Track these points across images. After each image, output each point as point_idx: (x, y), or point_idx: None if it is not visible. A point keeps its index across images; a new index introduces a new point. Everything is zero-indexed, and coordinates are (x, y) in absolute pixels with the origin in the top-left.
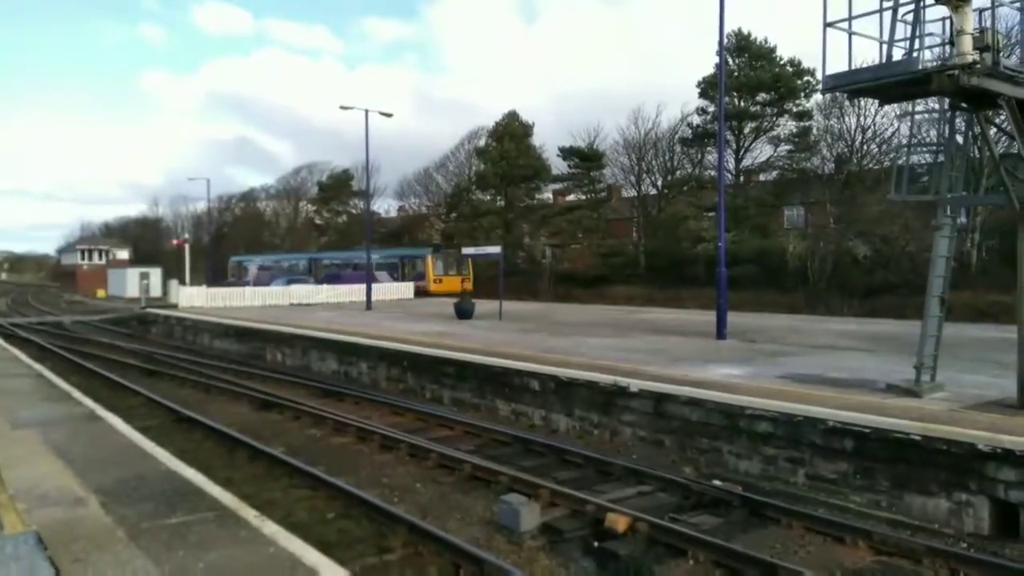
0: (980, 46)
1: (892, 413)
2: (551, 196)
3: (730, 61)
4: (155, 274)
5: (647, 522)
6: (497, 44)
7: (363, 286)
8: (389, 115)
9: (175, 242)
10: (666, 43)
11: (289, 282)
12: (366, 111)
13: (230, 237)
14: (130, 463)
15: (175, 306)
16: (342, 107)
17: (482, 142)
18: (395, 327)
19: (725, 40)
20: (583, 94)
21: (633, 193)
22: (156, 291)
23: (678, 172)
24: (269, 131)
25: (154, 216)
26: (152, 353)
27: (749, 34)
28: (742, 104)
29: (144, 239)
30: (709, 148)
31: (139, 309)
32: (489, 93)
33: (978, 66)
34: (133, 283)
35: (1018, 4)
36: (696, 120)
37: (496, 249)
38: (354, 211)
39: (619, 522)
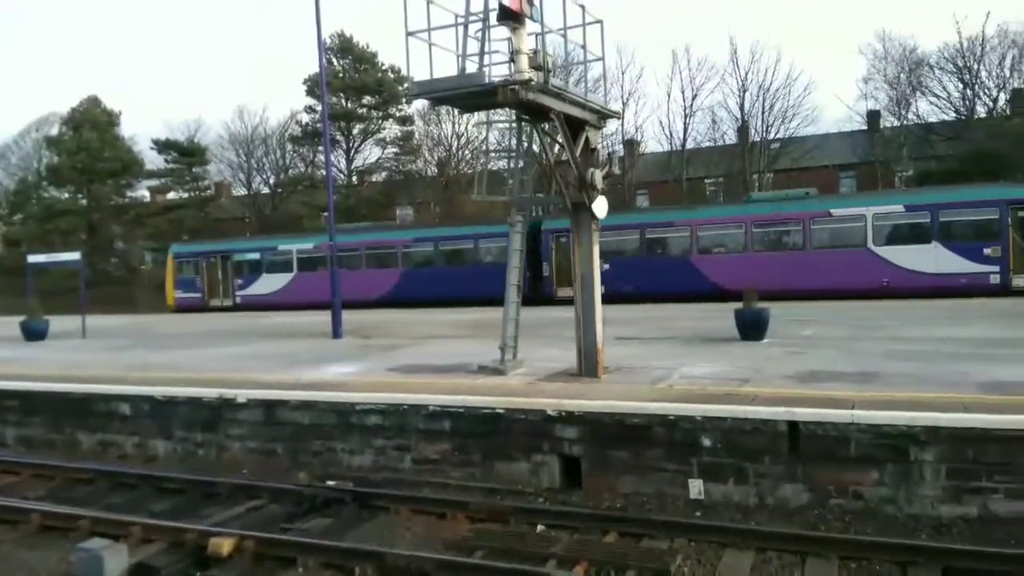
0: (535, 65)
1: (481, 391)
2: (147, 194)
3: (335, 62)
4: None
5: (254, 538)
6: (70, 14)
7: None
8: None
9: None
10: (271, 37)
11: None
12: None
13: None
14: None
15: None
16: None
17: (55, 131)
18: None
19: (328, 41)
20: (182, 82)
21: (244, 191)
22: None
23: (291, 170)
24: None
25: None
26: None
27: (351, 37)
28: (349, 105)
29: None
30: (320, 147)
31: None
32: (63, 73)
33: (533, 83)
34: None
35: (563, 32)
36: (305, 118)
37: (75, 256)
38: None
39: (223, 545)
